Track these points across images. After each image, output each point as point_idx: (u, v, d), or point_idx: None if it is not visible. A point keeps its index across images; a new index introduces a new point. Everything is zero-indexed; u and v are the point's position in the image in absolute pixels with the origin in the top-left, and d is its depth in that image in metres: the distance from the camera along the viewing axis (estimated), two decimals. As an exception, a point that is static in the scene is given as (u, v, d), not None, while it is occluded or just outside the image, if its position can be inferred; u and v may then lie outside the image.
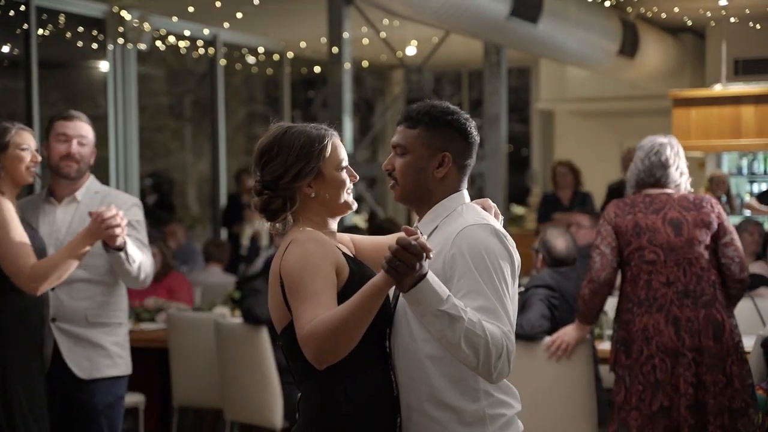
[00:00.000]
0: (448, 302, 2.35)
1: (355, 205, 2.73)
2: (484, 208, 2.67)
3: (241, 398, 5.49)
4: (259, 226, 11.08)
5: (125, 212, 4.08)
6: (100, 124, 8.39)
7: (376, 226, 7.25)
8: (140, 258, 4.10)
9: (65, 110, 4.29)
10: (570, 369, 4.77)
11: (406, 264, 2.30)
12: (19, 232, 3.95)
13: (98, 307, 4.16)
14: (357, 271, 2.58)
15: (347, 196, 2.69)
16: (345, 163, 2.68)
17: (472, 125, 2.64)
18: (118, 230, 3.91)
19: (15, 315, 3.98)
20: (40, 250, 4.08)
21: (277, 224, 2.68)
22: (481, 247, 2.45)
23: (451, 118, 2.59)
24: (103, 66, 9.65)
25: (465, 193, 2.66)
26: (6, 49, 9.18)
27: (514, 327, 2.49)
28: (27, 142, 4.06)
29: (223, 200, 10.98)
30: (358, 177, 2.73)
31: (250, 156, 2.75)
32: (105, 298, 4.17)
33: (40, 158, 4.12)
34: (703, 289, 4.34)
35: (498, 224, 2.60)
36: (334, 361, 2.44)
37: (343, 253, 2.62)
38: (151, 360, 5.97)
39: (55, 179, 4.25)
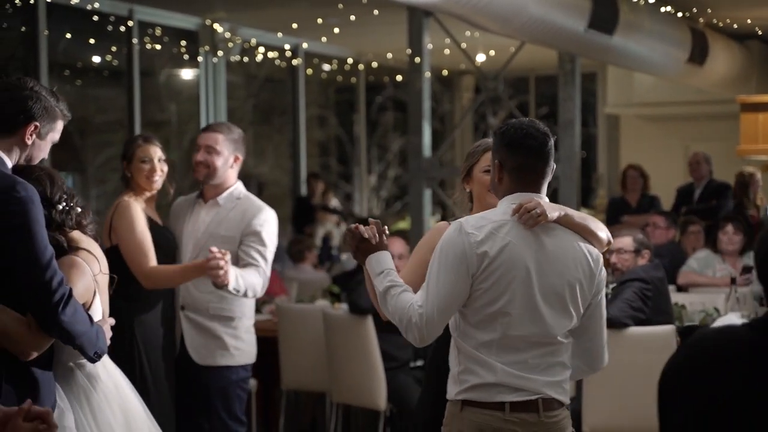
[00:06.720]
0: (377, 277, 3.01)
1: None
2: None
3: (347, 382, 5.95)
4: (330, 227, 11.58)
5: (251, 220, 4.50)
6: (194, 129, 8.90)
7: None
8: (245, 286, 4.35)
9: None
10: (655, 354, 5.18)
11: (349, 244, 3.08)
12: (141, 232, 4.42)
13: (219, 301, 4.55)
14: None
15: (490, 196, 3.22)
16: (488, 167, 3.27)
17: (515, 133, 2.99)
18: (218, 272, 4.18)
19: (148, 300, 4.49)
20: (168, 249, 4.58)
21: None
22: (442, 239, 2.98)
23: (497, 131, 3.06)
24: (195, 75, 10.24)
25: (525, 194, 2.99)
26: (106, 60, 9.80)
27: (435, 304, 2.90)
28: (149, 154, 4.49)
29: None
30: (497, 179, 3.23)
31: (317, 158, 3.44)
32: (227, 294, 4.46)
33: (165, 168, 4.55)
34: None
35: (474, 221, 2.94)
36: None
37: None
38: (259, 348, 6.46)
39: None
